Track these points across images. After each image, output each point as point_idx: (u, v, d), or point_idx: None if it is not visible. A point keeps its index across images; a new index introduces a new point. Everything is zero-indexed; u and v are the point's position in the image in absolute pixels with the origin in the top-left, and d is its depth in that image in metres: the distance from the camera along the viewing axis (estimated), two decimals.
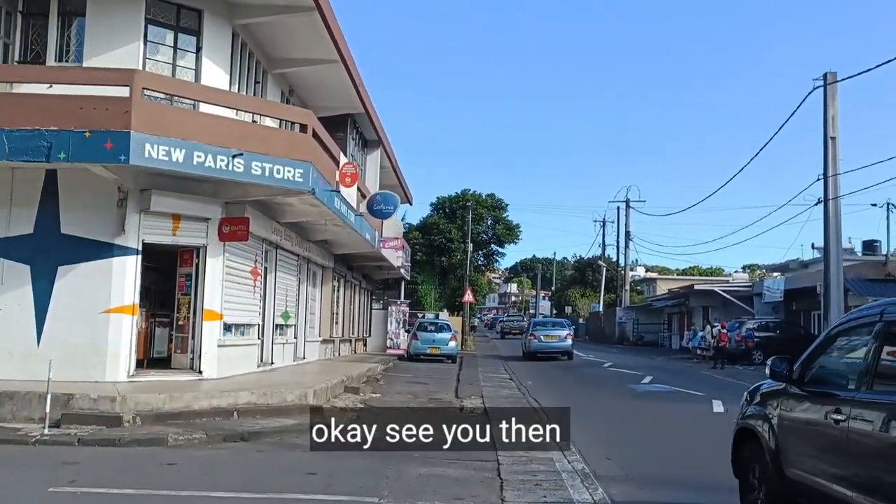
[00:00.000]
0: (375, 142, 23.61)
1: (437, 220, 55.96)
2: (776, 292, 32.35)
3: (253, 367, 15.30)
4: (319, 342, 22.20)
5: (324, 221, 16.87)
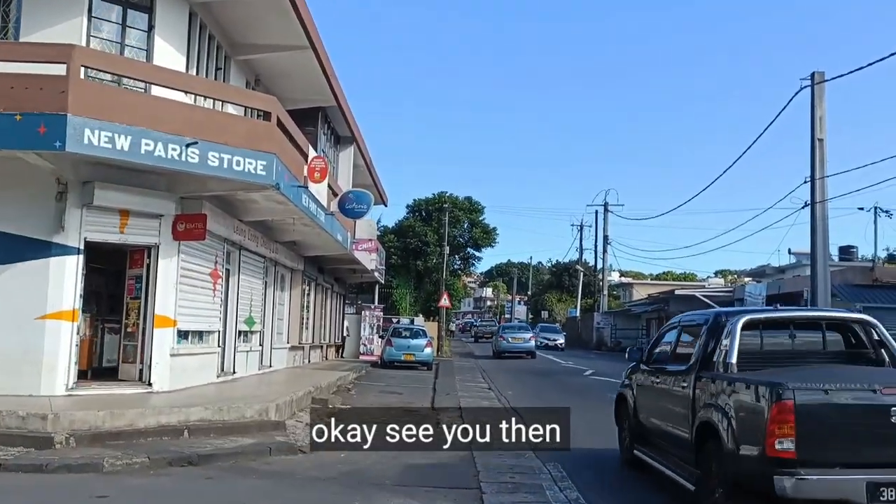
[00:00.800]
0: (348, 138, 22.44)
1: (412, 223, 54.85)
2: (757, 298, 31.66)
3: (212, 377, 14.08)
4: (288, 349, 20.98)
5: (291, 221, 15.70)
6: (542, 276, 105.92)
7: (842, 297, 23.71)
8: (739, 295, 34.45)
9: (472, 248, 57.43)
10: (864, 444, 5.63)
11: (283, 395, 12.28)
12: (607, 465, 9.44)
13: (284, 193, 12.38)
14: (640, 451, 8.58)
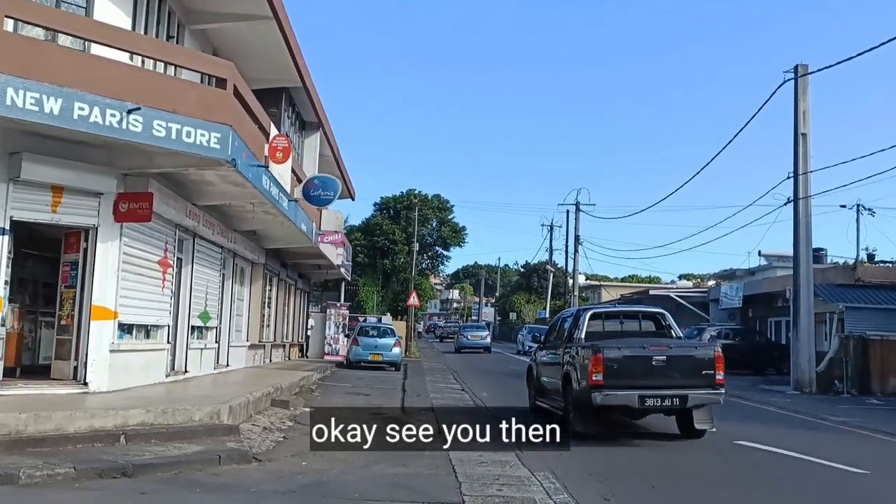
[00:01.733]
0: (315, 124, 21.17)
1: (380, 221, 53.65)
2: (734, 298, 31.08)
3: (160, 376, 12.77)
4: (247, 347, 19.66)
5: (251, 207, 14.44)
6: (509, 277, 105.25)
7: (824, 297, 23.10)
8: (715, 296, 33.87)
9: (440, 248, 56.40)
10: (638, 376, 10.16)
11: (238, 397, 11.04)
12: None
13: (241, 172, 11.15)
14: (539, 401, 12.90)
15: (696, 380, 10.26)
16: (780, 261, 42.62)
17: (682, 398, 10.16)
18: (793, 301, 22.14)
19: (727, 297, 31.89)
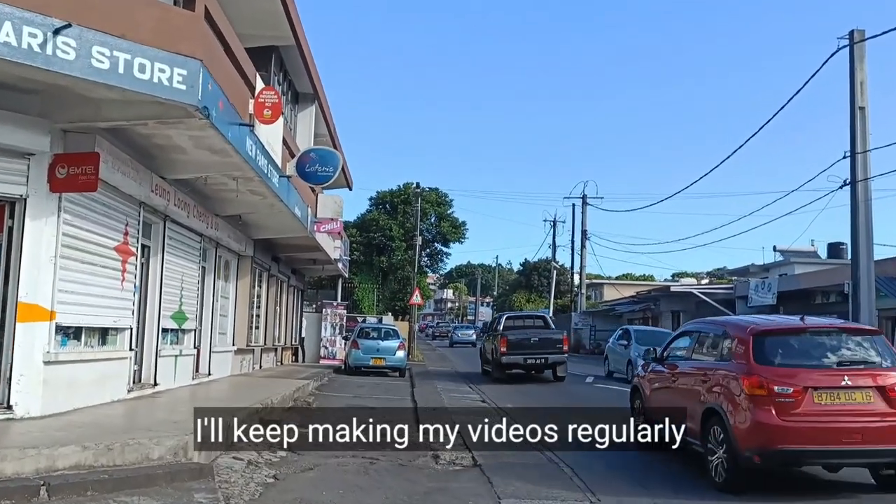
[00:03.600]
0: (309, 96, 18.53)
1: (376, 216, 51.05)
2: (766, 295, 28.62)
3: (120, 392, 10.16)
4: (233, 353, 17.05)
5: (234, 182, 11.85)
6: (504, 277, 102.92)
7: (886, 291, 20.60)
8: (742, 292, 31.40)
9: (439, 244, 53.83)
10: (524, 348, 20.01)
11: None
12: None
13: (218, 128, 8.55)
14: (484, 366, 22.83)
15: (553, 350, 20.17)
16: (797, 256, 40.29)
17: (545, 358, 20.11)
18: (852, 297, 19.63)
19: (757, 293, 29.43)
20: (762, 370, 7.19)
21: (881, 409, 6.99)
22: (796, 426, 6.91)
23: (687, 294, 34.01)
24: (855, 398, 7.04)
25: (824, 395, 7.01)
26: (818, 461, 7.36)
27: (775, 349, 7.47)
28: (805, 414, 6.95)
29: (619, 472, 8.05)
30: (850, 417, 6.98)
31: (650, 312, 40.15)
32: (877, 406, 7.01)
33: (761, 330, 7.71)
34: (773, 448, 6.92)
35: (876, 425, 6.95)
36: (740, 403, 7.20)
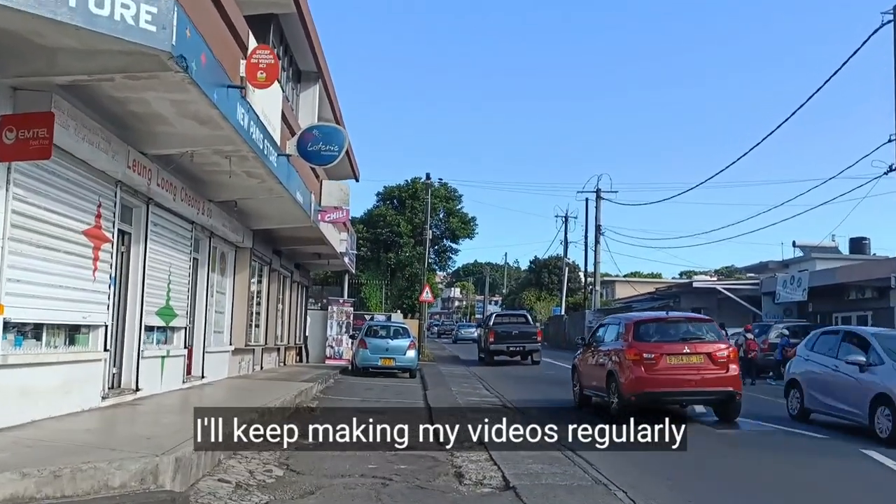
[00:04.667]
0: (312, 74, 17.11)
1: (383, 212, 49.61)
2: (796, 291, 27.06)
3: (92, 399, 8.79)
4: (230, 353, 15.68)
5: (226, 159, 10.45)
6: (516, 275, 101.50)
7: None
8: (768, 288, 29.85)
9: (448, 240, 52.36)
10: (507, 339, 27.61)
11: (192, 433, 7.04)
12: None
13: (199, 84, 7.14)
14: (479, 354, 30.46)
15: (529, 340, 27.43)
16: (818, 252, 38.71)
17: (523, 346, 27.21)
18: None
19: (786, 289, 27.89)
20: (638, 345, 11.70)
21: (709, 367, 11.54)
22: (656, 378, 11.38)
23: (710, 290, 32.47)
24: (692, 360, 11.56)
25: (673, 358, 11.51)
26: (670, 399, 11.84)
27: (647, 332, 12.10)
28: (662, 370, 11.42)
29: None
30: (689, 372, 11.47)
31: (668, 310, 38.62)
32: (706, 365, 11.54)
33: (638, 320, 12.61)
34: (642, 391, 11.37)
35: (705, 376, 11.44)
36: (625, 366, 11.66)
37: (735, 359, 11.98)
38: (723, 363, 11.64)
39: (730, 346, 12.23)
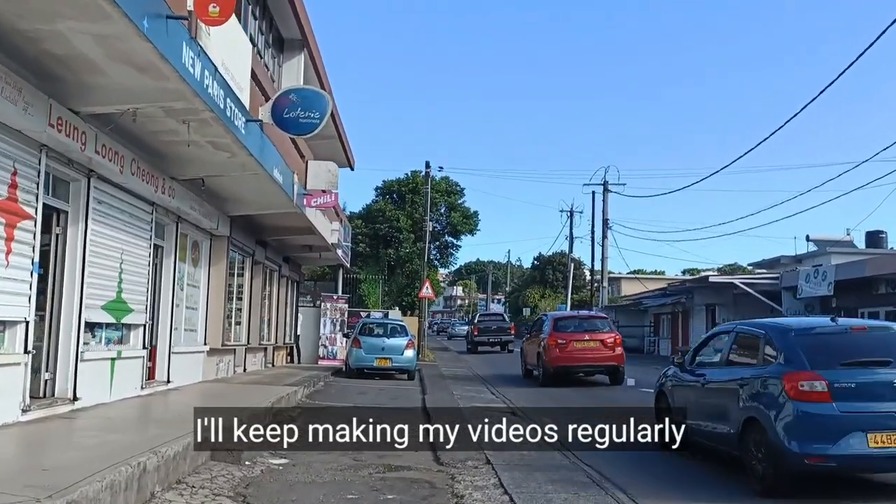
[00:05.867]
0: (297, 42, 15.37)
1: (382, 206, 47.87)
2: (820, 285, 25.32)
3: (9, 413, 7.09)
4: (204, 353, 13.99)
5: (183, 124, 8.75)
6: (520, 273, 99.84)
7: None
8: (789, 282, 28.11)
9: (450, 236, 50.60)
10: (487, 333, 37.39)
11: (115, 465, 5.33)
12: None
13: (120, 6, 5.43)
14: (468, 345, 39.01)
15: (505, 333, 37.51)
16: (833, 246, 36.97)
17: (500, 338, 37.03)
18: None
19: (809, 283, 26.15)
20: (555, 335, 17.48)
21: (601, 349, 17.47)
22: (566, 356, 17.26)
23: (725, 286, 30.74)
24: (591, 345, 17.50)
25: (579, 343, 17.41)
26: (576, 370, 17.69)
27: (562, 325, 18.10)
28: (570, 351, 17.31)
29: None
30: (588, 352, 17.42)
31: (681, 307, 36.90)
32: (599, 348, 17.48)
33: (557, 317, 19.07)
34: (557, 365, 17.26)
35: (598, 355, 17.45)
36: (547, 348, 17.41)
37: (619, 343, 17.89)
38: (611, 346, 17.75)
39: (616, 335, 18.23)
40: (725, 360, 7.87)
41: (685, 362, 8.85)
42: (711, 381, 7.90)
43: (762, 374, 6.90)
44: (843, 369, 6.62)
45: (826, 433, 6.31)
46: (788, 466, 6.40)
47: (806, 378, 6.49)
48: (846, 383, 6.49)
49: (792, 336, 7.10)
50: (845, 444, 6.27)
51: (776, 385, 6.63)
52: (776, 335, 7.20)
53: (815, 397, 6.44)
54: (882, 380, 6.53)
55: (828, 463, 6.32)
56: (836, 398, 6.38)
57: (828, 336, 7.20)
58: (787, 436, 6.39)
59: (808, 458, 6.27)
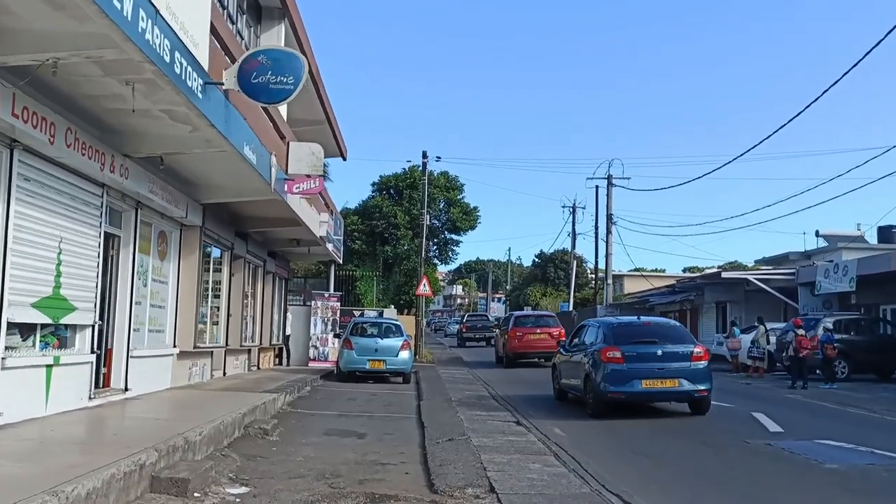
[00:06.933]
0: (276, 10, 13.88)
1: (379, 202, 46.34)
2: (841, 281, 23.85)
3: None
4: (175, 357, 12.54)
5: (126, 86, 7.28)
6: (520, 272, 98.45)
7: None
8: (806, 278, 26.65)
9: (449, 232, 49.09)
10: (475, 331, 44.96)
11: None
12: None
13: None
14: (459, 341, 46.05)
15: (487, 330, 42.72)
16: (844, 241, 35.53)
17: (484, 335, 42.49)
18: None
19: (828, 278, 24.68)
20: (515, 329, 24.99)
21: (548, 340, 24.10)
22: (521, 345, 24.70)
23: (738, 282, 29.29)
24: (541, 336, 24.66)
25: (531, 336, 24.80)
26: (529, 355, 24.80)
27: (520, 321, 25.92)
28: (524, 341, 24.73)
29: None
30: (538, 342, 24.57)
31: (689, 304, 35.44)
32: (546, 339, 24.24)
33: (517, 316, 27.86)
34: (513, 351, 24.76)
35: (544, 344, 24.03)
36: (507, 339, 25.00)
37: (563, 336, 21.96)
38: (555, 338, 23.16)
39: (561, 329, 24.51)
40: (581, 342, 13.41)
41: (566, 345, 14.67)
42: (573, 355, 13.57)
43: (593, 349, 12.37)
44: (631, 345, 11.89)
45: (621, 380, 11.56)
46: (603, 399, 11.78)
47: (611, 350, 11.80)
48: (632, 353, 11.71)
49: (609, 326, 12.80)
50: (630, 386, 11.54)
51: (598, 354, 11.97)
52: (603, 326, 12.93)
53: (616, 361, 11.66)
54: (650, 351, 11.81)
55: (622, 396, 11.65)
56: (627, 361, 11.63)
57: (628, 326, 12.90)
58: (602, 382, 11.69)
59: (612, 394, 11.61)
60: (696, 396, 11.71)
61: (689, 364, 11.64)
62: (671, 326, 13.30)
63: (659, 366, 11.56)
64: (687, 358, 11.72)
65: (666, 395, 11.85)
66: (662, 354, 11.69)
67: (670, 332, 12.66)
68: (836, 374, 19.72)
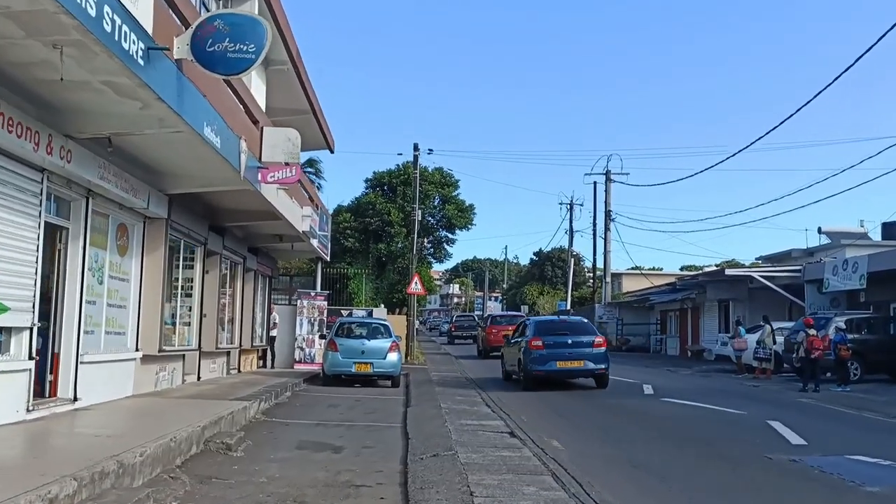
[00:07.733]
0: None
1: (372, 199, 45.22)
2: (850, 278, 22.82)
3: None
4: (137, 361, 11.46)
5: (54, 49, 6.22)
6: (518, 270, 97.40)
7: None
8: (813, 275, 25.62)
9: (445, 230, 47.98)
10: (462, 329, 48.55)
11: None
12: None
13: None
14: (449, 335, 50.90)
15: (473, 329, 42.92)
16: (847, 238, 34.53)
17: (472, 333, 42.05)
18: None
19: (837, 276, 23.66)
20: (491, 327, 30.56)
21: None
22: (495, 339, 27.70)
23: (741, 279, 28.29)
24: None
25: (503, 331, 25.35)
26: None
27: (496, 319, 32.61)
28: (498, 337, 26.04)
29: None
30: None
31: (690, 303, 34.42)
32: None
33: (493, 316, 36.70)
34: (489, 345, 29.22)
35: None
36: (484, 334, 30.95)
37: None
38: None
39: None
40: (519, 334, 17.92)
41: (509, 339, 19.16)
42: (513, 346, 17.97)
43: (524, 339, 16.70)
44: (550, 336, 16.51)
45: (542, 362, 16.00)
46: (530, 376, 16.17)
47: (535, 340, 16.25)
48: (550, 342, 16.21)
49: (535, 323, 18.01)
50: (549, 366, 15.98)
51: (527, 343, 16.35)
52: (532, 323, 18.00)
53: (538, 348, 16.08)
54: (563, 340, 16.30)
55: (543, 374, 16.08)
56: (546, 347, 16.07)
57: (549, 323, 19.20)
58: (529, 364, 16.11)
59: (536, 372, 16.08)
60: (596, 373, 16.27)
61: (591, 349, 16.16)
62: (580, 323, 18.46)
63: (569, 351, 16.02)
64: (590, 345, 16.28)
65: (575, 373, 16.31)
66: (572, 343, 16.19)
67: (579, 327, 17.67)
68: (850, 375, 18.70)
